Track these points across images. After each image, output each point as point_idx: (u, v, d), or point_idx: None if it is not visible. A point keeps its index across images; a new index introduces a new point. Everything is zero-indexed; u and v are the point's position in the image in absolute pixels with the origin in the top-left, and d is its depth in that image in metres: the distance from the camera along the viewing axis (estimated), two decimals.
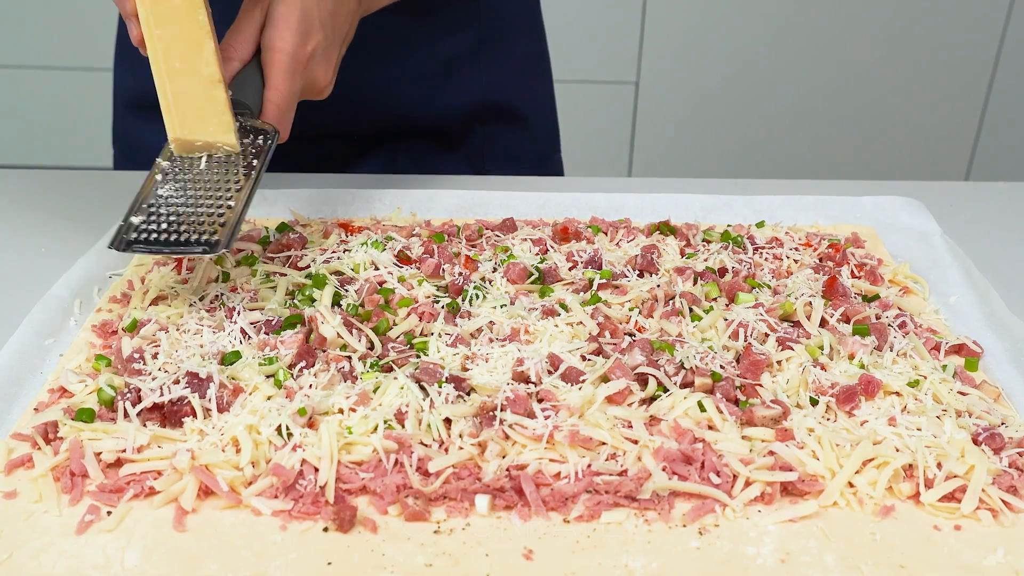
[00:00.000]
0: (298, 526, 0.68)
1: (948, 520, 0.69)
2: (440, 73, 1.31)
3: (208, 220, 0.85)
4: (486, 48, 1.33)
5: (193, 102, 0.88)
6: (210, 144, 0.89)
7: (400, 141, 1.36)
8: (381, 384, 0.79)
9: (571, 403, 0.76)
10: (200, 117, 0.88)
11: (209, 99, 0.88)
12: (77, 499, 0.69)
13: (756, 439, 0.75)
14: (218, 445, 0.73)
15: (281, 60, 0.94)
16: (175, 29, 0.86)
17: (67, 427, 0.74)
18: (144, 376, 0.79)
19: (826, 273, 0.99)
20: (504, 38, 1.35)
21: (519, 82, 1.40)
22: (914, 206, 1.17)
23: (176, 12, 0.86)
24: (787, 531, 0.68)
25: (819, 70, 2.86)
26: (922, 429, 0.76)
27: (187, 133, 0.88)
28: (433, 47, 1.30)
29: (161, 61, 0.87)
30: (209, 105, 0.88)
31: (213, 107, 0.88)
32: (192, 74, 0.87)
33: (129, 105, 1.37)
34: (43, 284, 0.97)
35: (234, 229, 0.84)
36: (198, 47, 0.87)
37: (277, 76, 0.94)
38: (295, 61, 0.94)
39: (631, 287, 0.96)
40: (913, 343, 0.88)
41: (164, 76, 0.88)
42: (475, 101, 1.35)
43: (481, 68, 1.33)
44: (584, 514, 0.69)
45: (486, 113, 1.37)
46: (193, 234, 0.84)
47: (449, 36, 1.30)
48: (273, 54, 0.94)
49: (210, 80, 0.88)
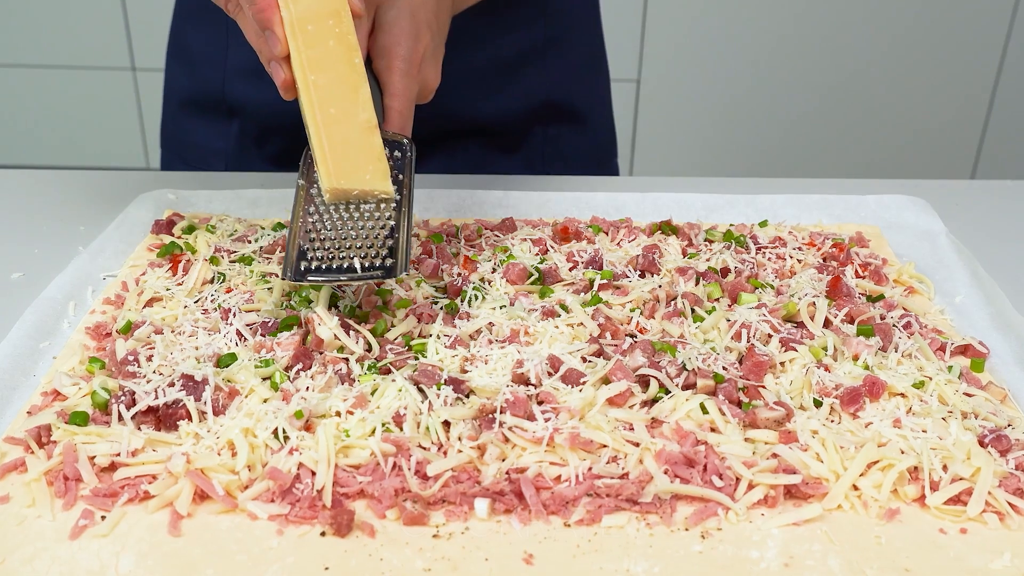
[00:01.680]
0: (295, 531, 0.68)
1: (954, 523, 0.69)
2: (503, 72, 1.31)
3: (376, 244, 0.83)
4: (551, 46, 1.32)
5: (349, 149, 0.84)
6: (365, 193, 0.85)
7: (457, 142, 1.34)
8: (379, 386, 0.79)
9: (572, 405, 0.76)
10: (357, 165, 0.84)
11: (366, 146, 0.85)
12: (71, 504, 0.69)
13: (759, 441, 0.75)
14: (214, 449, 0.73)
15: (399, 65, 0.92)
16: (330, 74, 0.84)
17: (60, 430, 0.74)
18: (139, 379, 0.79)
19: (830, 273, 0.99)
20: (568, 36, 1.34)
21: (580, 81, 1.39)
22: (919, 205, 1.17)
23: (331, 57, 0.83)
24: (791, 535, 0.68)
25: (823, 67, 2.86)
26: (927, 431, 0.75)
27: (344, 182, 0.84)
28: (498, 45, 1.29)
29: (316, 108, 0.84)
30: (366, 152, 0.85)
31: (370, 153, 0.85)
32: (348, 120, 0.84)
33: (183, 105, 1.37)
34: (36, 285, 0.97)
35: (407, 251, 0.83)
36: (354, 91, 0.84)
37: (398, 82, 0.91)
38: (411, 65, 0.92)
39: (632, 288, 0.96)
40: (918, 344, 0.88)
41: (319, 123, 0.84)
42: (537, 101, 1.34)
43: (544, 67, 1.33)
44: (585, 518, 0.69)
45: (547, 113, 1.36)
46: (366, 260, 0.83)
47: (515, 34, 1.30)
48: (392, 60, 0.92)
49: (367, 126, 0.85)
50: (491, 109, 1.32)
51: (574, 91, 1.38)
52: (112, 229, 1.08)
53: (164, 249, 1.02)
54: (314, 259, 0.83)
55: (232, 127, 1.34)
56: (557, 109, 1.36)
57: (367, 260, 0.83)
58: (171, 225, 1.09)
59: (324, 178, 0.84)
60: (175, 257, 1.00)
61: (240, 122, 1.33)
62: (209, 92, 1.33)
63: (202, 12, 1.32)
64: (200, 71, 1.33)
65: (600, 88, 1.45)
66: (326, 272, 0.83)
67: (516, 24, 1.29)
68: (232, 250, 1.02)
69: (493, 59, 1.29)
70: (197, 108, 1.36)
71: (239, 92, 1.31)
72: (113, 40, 2.90)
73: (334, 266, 0.83)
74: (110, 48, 2.91)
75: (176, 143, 1.41)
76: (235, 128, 1.34)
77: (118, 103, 2.99)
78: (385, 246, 0.84)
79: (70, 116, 3.02)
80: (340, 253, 0.83)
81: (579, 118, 1.39)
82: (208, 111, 1.34)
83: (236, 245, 1.03)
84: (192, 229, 1.08)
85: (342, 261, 0.83)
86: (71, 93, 2.98)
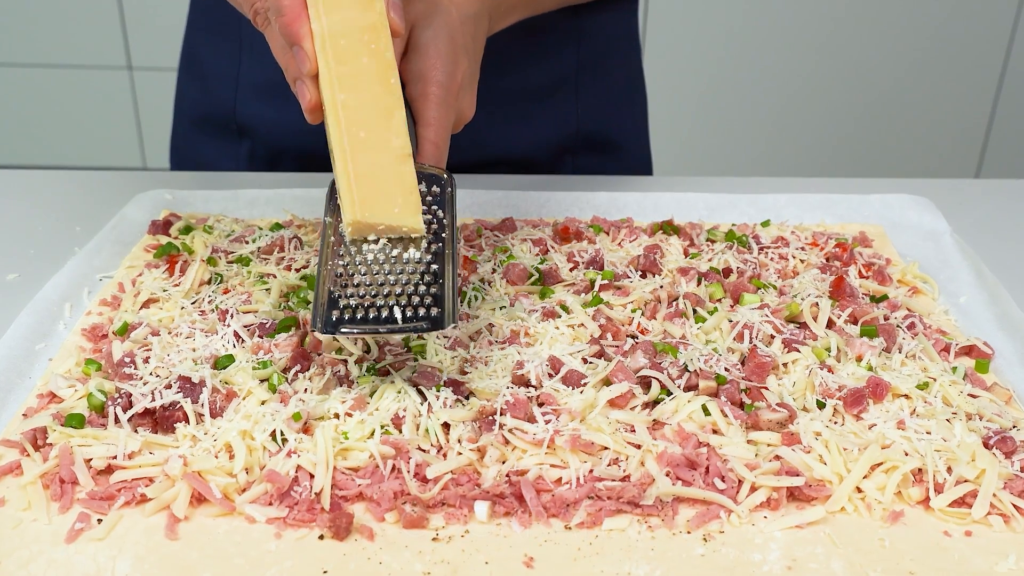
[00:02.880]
0: (293, 534, 0.68)
1: (959, 526, 0.69)
2: (533, 100, 1.25)
3: (419, 291, 0.77)
4: (584, 73, 1.27)
5: (378, 179, 0.77)
6: (392, 228, 0.77)
7: (484, 173, 1.28)
8: (378, 388, 0.79)
9: (572, 407, 0.76)
10: (386, 196, 0.77)
11: (397, 176, 0.77)
12: (67, 507, 0.69)
13: (762, 443, 0.75)
14: (211, 451, 0.73)
15: (436, 92, 0.84)
16: (363, 95, 0.77)
17: (56, 433, 0.74)
18: (135, 381, 0.79)
19: (833, 273, 0.99)
20: (604, 62, 1.29)
21: (616, 110, 1.32)
22: (923, 204, 1.17)
23: (365, 75, 0.76)
24: (794, 537, 0.68)
25: (825, 65, 2.86)
26: (932, 432, 0.76)
27: (369, 215, 0.76)
28: (527, 71, 1.23)
29: (344, 131, 0.76)
30: (396, 182, 0.77)
31: (401, 185, 0.77)
32: (379, 147, 0.77)
33: (193, 122, 1.34)
34: (32, 287, 0.98)
35: (454, 299, 0.76)
36: (388, 115, 0.77)
37: (434, 110, 0.84)
38: (448, 93, 0.85)
39: (633, 288, 0.96)
40: (922, 344, 0.88)
41: (346, 148, 0.76)
42: (568, 131, 1.29)
43: (577, 95, 1.27)
44: (586, 521, 0.69)
45: (579, 144, 1.30)
46: (407, 308, 0.76)
47: (546, 59, 1.24)
48: (427, 86, 0.84)
49: (400, 153, 0.77)
50: (519, 140, 1.27)
51: (609, 120, 1.32)
52: (108, 230, 1.08)
53: (161, 250, 1.02)
54: (347, 308, 0.76)
55: (242, 148, 1.31)
56: (590, 139, 1.30)
57: (408, 309, 0.76)
58: (168, 225, 1.09)
59: (348, 209, 0.77)
60: (172, 258, 1.00)
61: (250, 144, 1.30)
62: (220, 110, 1.30)
63: (216, 26, 1.28)
64: (211, 87, 1.30)
65: (637, 117, 1.38)
66: (362, 323, 0.76)
67: (548, 49, 1.23)
68: (229, 251, 1.02)
69: (523, 86, 1.24)
70: (207, 126, 1.32)
71: (251, 111, 1.27)
72: (109, 39, 2.90)
73: (370, 316, 0.76)
74: (106, 47, 2.91)
75: (186, 161, 1.38)
76: (245, 149, 1.30)
77: (114, 102, 2.99)
78: (429, 293, 0.77)
79: (66, 115, 3.02)
80: (377, 301, 0.76)
81: (613, 148, 1.33)
82: (218, 130, 1.31)
83: (233, 246, 1.03)
84: (189, 229, 1.08)
85: (379, 310, 0.76)
86: (67, 92, 2.98)
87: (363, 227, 0.77)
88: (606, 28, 1.28)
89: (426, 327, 0.75)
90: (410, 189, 0.78)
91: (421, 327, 0.75)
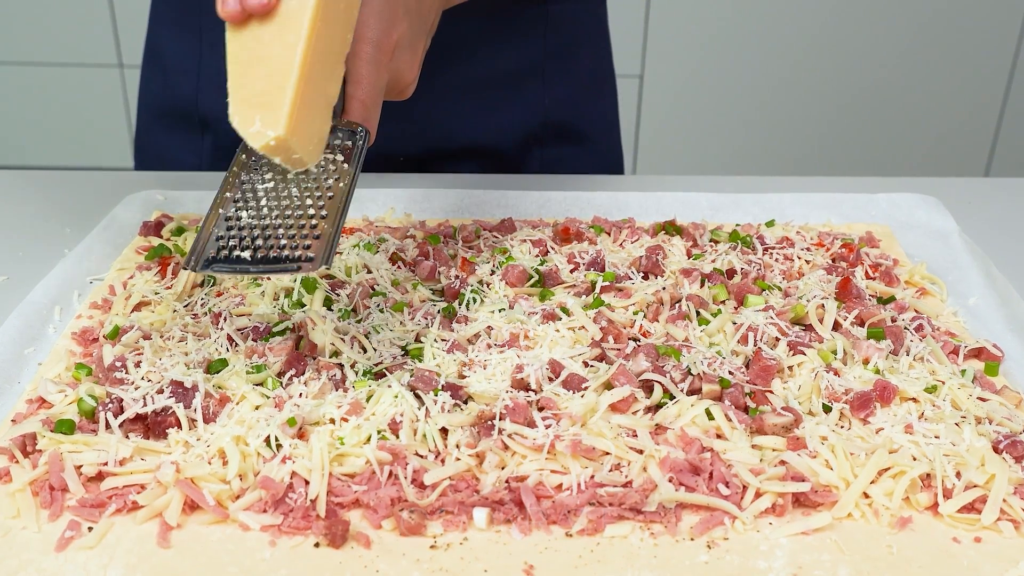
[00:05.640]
0: (288, 541, 0.68)
1: (968, 532, 0.70)
2: (500, 87, 1.26)
3: (299, 234, 0.78)
4: (552, 61, 1.28)
5: (310, 115, 0.76)
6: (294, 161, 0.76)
7: (449, 163, 1.30)
8: (374, 393, 0.79)
9: (573, 411, 0.77)
10: (309, 135, 0.76)
11: (323, 121, 0.78)
12: (57, 514, 0.69)
13: (767, 448, 0.75)
14: (204, 457, 0.73)
15: (365, 50, 0.84)
16: (332, 35, 0.76)
17: (46, 439, 0.74)
18: (126, 385, 0.80)
19: (839, 274, 0.99)
20: (572, 52, 1.30)
21: (584, 100, 1.34)
22: (931, 203, 1.18)
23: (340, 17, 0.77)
24: (799, 544, 0.68)
25: (831, 62, 2.87)
26: (940, 437, 0.76)
27: (294, 142, 0.74)
28: (494, 57, 1.24)
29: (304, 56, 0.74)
30: (320, 127, 0.78)
31: (321, 131, 0.78)
32: (320, 89, 0.77)
33: (156, 116, 1.35)
34: (20, 290, 0.98)
35: (331, 242, 0.76)
36: (337, 62, 0.79)
37: (362, 68, 0.84)
38: (380, 51, 0.85)
39: (635, 290, 0.96)
40: (931, 347, 0.88)
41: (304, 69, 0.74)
42: (536, 120, 1.30)
43: (545, 84, 1.28)
44: (587, 527, 0.69)
45: (547, 134, 1.31)
46: (284, 250, 0.77)
47: (513, 47, 1.25)
48: (359, 44, 0.84)
49: (329, 103, 0.79)
50: (486, 128, 1.28)
51: (578, 111, 1.33)
52: (99, 231, 1.08)
53: (152, 252, 1.02)
54: (227, 247, 0.78)
55: (205, 142, 1.31)
56: (558, 129, 1.32)
57: (285, 251, 0.77)
58: (159, 227, 1.09)
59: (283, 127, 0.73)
60: (164, 260, 1.01)
61: (213, 137, 1.30)
62: (182, 103, 1.31)
63: (177, 17, 1.29)
64: (173, 80, 1.31)
65: (606, 107, 1.39)
66: (237, 262, 0.77)
67: (515, 35, 1.24)
68: None
69: (490, 72, 1.25)
70: (170, 120, 1.33)
71: (213, 103, 1.27)
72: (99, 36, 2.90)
73: (246, 256, 0.77)
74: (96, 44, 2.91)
75: (149, 155, 1.39)
76: (208, 143, 1.31)
77: (104, 101, 2.99)
78: (309, 236, 0.77)
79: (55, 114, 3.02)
80: (257, 242, 0.78)
81: (582, 139, 1.35)
82: (181, 123, 1.32)
83: None
84: (181, 231, 1.08)
85: (257, 251, 0.77)
86: (56, 90, 2.97)
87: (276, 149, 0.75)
88: (574, 17, 1.29)
89: (295, 268, 0.76)
90: (321, 138, 0.78)
91: (291, 268, 0.76)
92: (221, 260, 0.77)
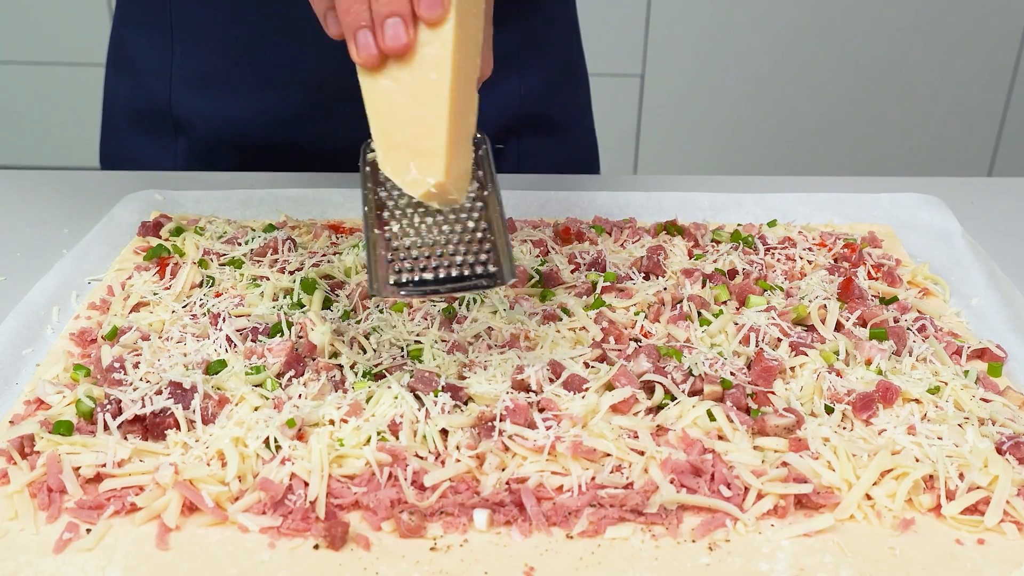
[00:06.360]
0: (287, 543, 0.68)
1: (971, 534, 0.69)
2: None
3: (470, 250, 0.75)
4: (526, 52, 1.29)
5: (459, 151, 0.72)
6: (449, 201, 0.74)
7: None
8: (374, 394, 0.79)
9: (574, 412, 0.77)
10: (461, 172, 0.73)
11: (468, 154, 0.74)
12: (55, 516, 0.69)
13: (768, 449, 0.75)
14: (203, 459, 0.73)
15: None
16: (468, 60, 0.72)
17: (44, 440, 0.74)
18: (125, 386, 0.80)
19: (841, 274, 0.99)
20: (544, 43, 1.31)
21: (558, 91, 1.36)
22: (934, 204, 1.18)
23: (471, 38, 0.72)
24: (801, 546, 0.68)
25: (833, 61, 2.87)
26: (943, 438, 0.76)
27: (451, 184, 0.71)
28: None
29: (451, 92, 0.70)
30: (466, 161, 0.74)
31: (468, 164, 0.75)
32: (466, 118, 0.73)
33: (126, 119, 1.33)
34: (18, 290, 0.98)
35: (509, 253, 0.75)
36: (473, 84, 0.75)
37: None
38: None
39: (636, 290, 0.96)
40: (933, 347, 0.88)
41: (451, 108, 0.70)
42: (511, 111, 1.31)
43: (520, 75, 1.29)
44: (588, 529, 0.69)
45: (521, 124, 1.33)
46: (463, 268, 0.75)
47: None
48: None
49: (470, 134, 0.74)
50: None
51: (551, 102, 1.35)
52: (97, 231, 1.08)
53: (151, 252, 1.02)
54: (403, 270, 0.75)
55: (179, 144, 1.30)
56: (533, 120, 1.33)
57: (466, 268, 0.75)
58: (158, 227, 1.09)
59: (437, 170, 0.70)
60: (162, 260, 1.01)
61: (187, 139, 1.29)
62: (153, 105, 1.28)
63: (145, 18, 1.26)
64: (144, 82, 1.29)
65: (579, 97, 1.42)
66: (422, 284, 0.75)
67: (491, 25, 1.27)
68: (221, 253, 1.02)
69: None
70: (141, 123, 1.31)
71: (186, 104, 1.26)
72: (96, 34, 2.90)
73: (428, 277, 0.75)
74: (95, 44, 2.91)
75: (118, 161, 1.36)
76: (182, 145, 1.30)
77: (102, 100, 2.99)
78: (482, 251, 0.76)
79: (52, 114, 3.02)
80: (432, 262, 0.75)
81: (557, 129, 1.36)
82: (153, 126, 1.30)
83: (226, 247, 1.03)
84: (180, 231, 1.08)
85: (436, 271, 0.75)
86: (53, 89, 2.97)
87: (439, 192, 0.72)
88: (545, 9, 1.31)
89: (487, 284, 0.75)
90: (470, 166, 0.75)
91: (482, 284, 0.75)
92: (406, 284, 0.75)
